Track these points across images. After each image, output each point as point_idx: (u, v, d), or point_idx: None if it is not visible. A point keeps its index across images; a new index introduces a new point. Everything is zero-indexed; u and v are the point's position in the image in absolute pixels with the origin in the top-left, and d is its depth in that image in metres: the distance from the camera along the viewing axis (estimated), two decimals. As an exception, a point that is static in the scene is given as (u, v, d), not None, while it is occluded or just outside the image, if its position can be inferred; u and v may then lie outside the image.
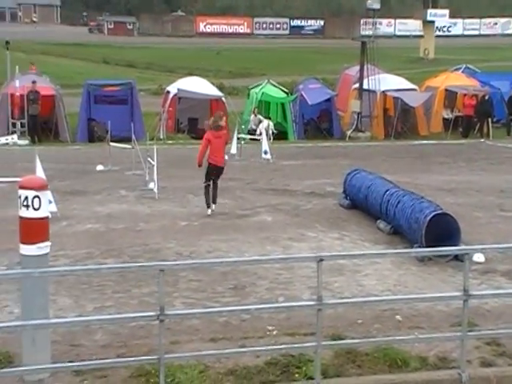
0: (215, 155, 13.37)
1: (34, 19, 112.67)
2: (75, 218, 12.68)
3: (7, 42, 26.34)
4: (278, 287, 9.35)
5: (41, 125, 24.04)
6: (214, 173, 13.51)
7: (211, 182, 13.45)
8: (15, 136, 22.17)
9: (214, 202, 13.50)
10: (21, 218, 6.85)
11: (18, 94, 23.36)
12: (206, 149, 13.37)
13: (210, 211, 13.31)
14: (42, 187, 6.87)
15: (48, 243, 6.91)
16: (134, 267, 7.83)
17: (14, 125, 23.47)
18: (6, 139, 21.45)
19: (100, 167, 17.62)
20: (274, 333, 7.84)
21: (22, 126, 23.55)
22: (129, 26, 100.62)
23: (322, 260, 6.38)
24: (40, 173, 11.98)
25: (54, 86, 25.06)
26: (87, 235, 11.71)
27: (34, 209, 6.79)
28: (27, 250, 6.80)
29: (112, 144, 17.89)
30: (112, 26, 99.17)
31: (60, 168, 16.96)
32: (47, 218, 6.97)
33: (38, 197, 6.80)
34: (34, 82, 23.51)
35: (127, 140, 18.26)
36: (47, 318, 6.84)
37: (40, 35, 76.38)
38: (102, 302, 8.66)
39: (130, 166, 17.06)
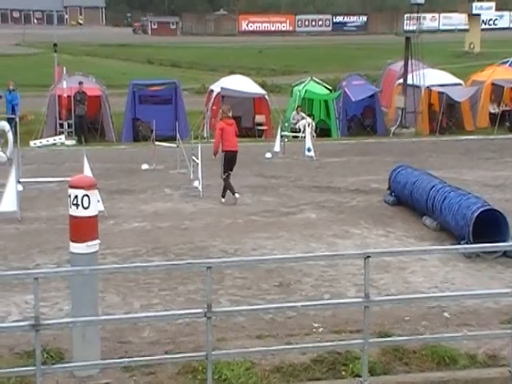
0: (230, 141, 14.09)
1: (80, 21, 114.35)
2: (122, 217, 12.85)
3: (55, 45, 26.76)
4: (324, 284, 9.34)
5: (87, 125, 24.39)
6: (231, 160, 14.03)
7: (229, 173, 14.02)
8: (63, 136, 22.53)
9: (234, 192, 14.05)
10: (71, 216, 6.95)
11: (65, 95, 23.75)
12: (220, 138, 14.02)
13: (237, 195, 13.98)
14: (91, 186, 6.96)
15: (97, 241, 7.01)
16: (182, 265, 7.88)
17: (61, 125, 23.89)
18: (54, 139, 21.82)
19: (145, 166, 17.81)
20: (320, 330, 7.83)
21: (70, 126, 23.95)
22: (172, 26, 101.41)
23: (368, 257, 6.34)
24: (88, 172, 12.17)
25: (100, 87, 25.38)
26: (133, 233, 11.85)
27: (84, 207, 6.88)
28: (77, 248, 6.90)
29: (157, 143, 18.07)
30: (156, 27, 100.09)
31: (106, 167, 17.19)
32: (96, 216, 7.07)
33: (87, 196, 6.89)
34: (80, 83, 23.87)
35: (172, 139, 18.41)
36: (96, 314, 6.95)
37: (86, 37, 77.52)
38: (148, 300, 8.76)
39: (175, 165, 17.21)
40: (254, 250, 10.90)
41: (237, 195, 14.00)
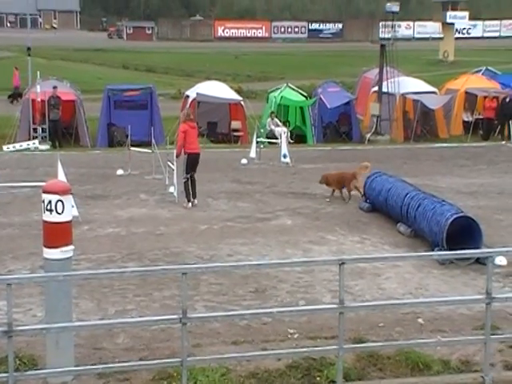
0: (193, 144, 14.25)
1: (55, 25, 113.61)
2: (96, 222, 12.76)
3: (28, 49, 26.56)
4: (299, 290, 9.36)
5: (62, 130, 24.16)
6: (194, 163, 14.27)
7: (190, 176, 14.24)
8: (36, 141, 22.34)
9: (195, 197, 14.29)
10: (44, 222, 6.90)
11: (39, 99, 23.53)
12: (183, 140, 14.11)
13: (190, 205, 14.10)
14: (65, 191, 6.91)
15: (71, 247, 6.97)
16: (157, 271, 7.86)
17: (35, 130, 23.64)
18: (28, 144, 21.62)
19: (120, 172, 17.71)
20: (296, 336, 7.85)
21: (43, 131, 23.70)
22: (148, 31, 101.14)
23: (343, 263, 6.38)
24: (62, 177, 12.09)
25: (75, 92, 25.22)
26: (108, 239, 11.78)
27: (58, 213, 6.84)
28: (51, 253, 6.85)
29: (132, 148, 17.99)
30: (131, 31, 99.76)
31: (81, 173, 17.07)
32: (70, 222, 7.02)
33: (61, 201, 6.85)
34: (54, 88, 23.67)
35: (147, 144, 18.34)
36: (70, 321, 6.89)
37: (60, 41, 77.00)
38: (123, 306, 8.72)
39: (150, 171, 17.14)
40: (229, 255, 10.89)
41: (189, 205, 14.15)
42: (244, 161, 19.61)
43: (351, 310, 7.43)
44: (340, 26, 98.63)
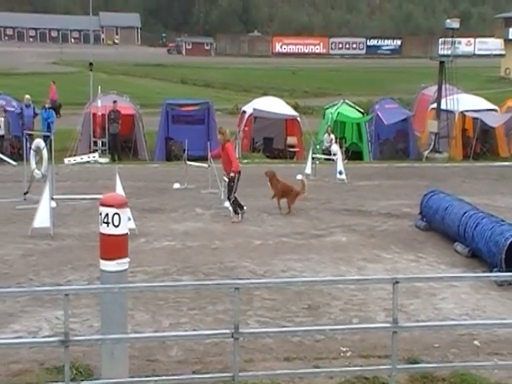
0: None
1: (116, 41, 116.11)
2: (152, 235, 12.93)
3: (91, 64, 27.22)
4: (353, 308, 9.28)
5: (121, 143, 24.67)
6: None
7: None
8: (96, 154, 22.77)
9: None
10: (101, 234, 6.99)
11: (99, 113, 24.09)
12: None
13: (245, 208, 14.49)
14: (122, 205, 6.99)
15: (127, 259, 7.05)
16: (211, 285, 7.92)
17: (95, 143, 24.21)
18: (88, 157, 22.05)
19: (177, 185, 17.93)
20: (348, 354, 7.79)
21: (103, 144, 24.27)
22: (206, 47, 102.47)
23: (397, 282, 6.31)
24: (120, 190, 12.29)
25: (134, 106, 25.69)
26: (164, 252, 11.92)
27: (114, 226, 6.91)
28: (107, 265, 6.92)
29: (189, 163, 18.19)
30: (190, 47, 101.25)
31: (138, 186, 17.34)
32: (126, 234, 7.11)
33: (117, 214, 6.92)
34: (114, 102, 24.18)
35: (203, 159, 18.53)
36: (125, 332, 6.98)
37: (121, 56, 78.59)
38: (177, 319, 8.79)
39: (206, 185, 17.31)
40: (283, 271, 10.89)
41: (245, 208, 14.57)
42: (299, 177, 19.56)
43: (405, 330, 7.33)
44: (399, 42, 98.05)
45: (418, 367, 7.24)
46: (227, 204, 15.05)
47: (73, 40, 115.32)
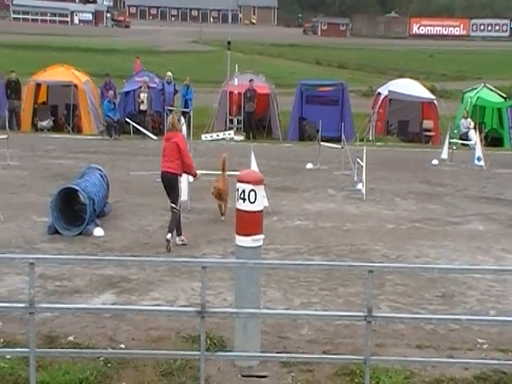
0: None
1: (253, 21, 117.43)
2: (285, 214, 13.03)
3: (229, 43, 27.66)
4: (490, 300, 8.94)
5: (255, 122, 25.00)
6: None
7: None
8: (232, 132, 23.25)
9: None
10: (237, 210, 7.09)
11: (236, 92, 24.50)
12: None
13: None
14: (258, 182, 7.05)
15: (261, 236, 7.12)
16: (344, 266, 7.86)
17: (231, 121, 24.70)
18: (224, 134, 22.54)
19: (310, 166, 17.97)
20: (485, 347, 7.52)
21: (239, 122, 24.70)
22: (342, 28, 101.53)
23: (544, 275, 6.00)
24: (255, 168, 12.44)
25: (269, 85, 25.90)
26: (296, 231, 11.98)
27: (250, 202, 6.99)
28: (242, 241, 7.03)
29: (322, 143, 18.16)
30: (325, 27, 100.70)
31: (272, 164, 17.51)
32: (262, 211, 7.17)
33: (254, 191, 6.99)
34: (251, 81, 24.48)
35: (337, 140, 18.44)
36: (258, 308, 7.08)
37: (257, 36, 79.40)
38: (308, 298, 8.81)
39: (339, 166, 17.21)
40: (416, 257, 10.65)
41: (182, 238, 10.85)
42: (435, 162, 19.10)
43: (548, 326, 6.98)
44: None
45: (560, 366, 6.89)
46: (360, 186, 14.90)
47: (212, 19, 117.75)
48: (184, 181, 12.81)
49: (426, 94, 26.02)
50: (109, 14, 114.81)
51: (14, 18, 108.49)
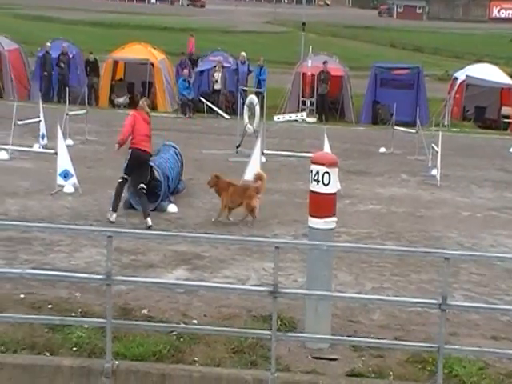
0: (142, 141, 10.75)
1: (328, 2, 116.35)
2: (357, 198, 12.91)
3: (303, 24, 27.47)
4: None
5: (328, 104, 24.79)
6: (138, 162, 10.80)
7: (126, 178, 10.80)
8: (304, 113, 23.14)
9: (115, 210, 10.57)
10: (311, 192, 7.03)
11: (309, 73, 24.33)
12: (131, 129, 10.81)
13: (114, 217, 10.51)
14: (332, 164, 6.97)
15: (334, 219, 7.05)
16: (418, 252, 7.75)
17: (303, 103, 24.56)
18: (296, 116, 22.46)
19: (383, 150, 17.73)
20: None
21: (311, 104, 24.55)
22: (418, 10, 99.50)
23: None
24: (327, 150, 12.34)
25: (343, 68, 25.61)
26: (368, 215, 11.86)
27: (324, 184, 6.92)
28: (315, 223, 6.97)
29: (396, 127, 17.89)
30: (401, 10, 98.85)
31: (344, 147, 17.34)
32: (335, 194, 7.10)
33: (328, 173, 6.92)
34: (325, 63, 24.25)
35: (410, 124, 18.12)
36: (330, 290, 7.05)
37: (332, 17, 78.62)
38: (380, 283, 8.72)
39: (413, 151, 16.92)
40: (492, 246, 10.40)
41: (113, 216, 10.50)
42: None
43: None
44: None
45: None
46: (434, 172, 14.63)
47: (286, 0, 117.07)
48: (256, 160, 12.83)
49: (506, 80, 25.24)
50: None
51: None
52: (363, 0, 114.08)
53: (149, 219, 10.38)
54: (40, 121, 15.03)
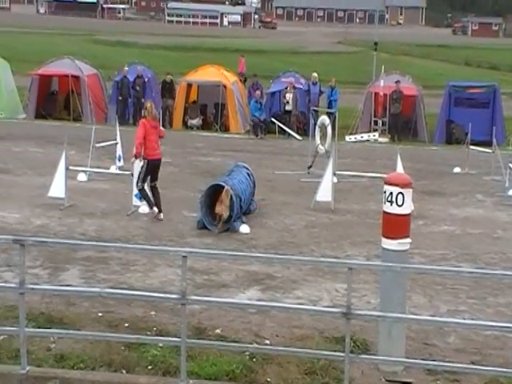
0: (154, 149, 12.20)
1: (400, 21, 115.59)
2: (431, 218, 12.72)
3: (375, 43, 27.38)
4: None
5: (401, 124, 24.57)
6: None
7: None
8: (376, 133, 22.99)
9: (159, 208, 12.12)
10: (384, 212, 6.99)
11: (381, 93, 24.20)
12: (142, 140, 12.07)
13: (161, 215, 12.02)
14: (406, 185, 6.92)
15: (408, 240, 6.99)
16: (496, 275, 7.56)
17: (375, 122, 24.43)
18: (368, 136, 22.33)
19: (457, 170, 17.43)
20: None
21: (384, 124, 24.39)
22: (494, 27, 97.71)
23: None
24: (400, 170, 12.22)
25: (416, 87, 25.36)
26: (442, 236, 11.66)
27: (398, 205, 6.88)
28: (389, 244, 6.92)
29: (471, 147, 17.56)
30: (476, 27, 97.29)
31: (417, 168, 17.12)
32: (409, 215, 7.04)
33: (402, 193, 6.87)
34: (397, 82, 24.08)
35: (486, 144, 17.75)
36: (404, 312, 6.96)
37: (404, 36, 78.02)
38: (455, 306, 8.56)
39: (489, 171, 16.57)
40: None
41: (161, 215, 12.01)
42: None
43: None
44: None
45: None
46: (511, 192, 14.27)
47: (358, 20, 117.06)
48: (328, 181, 12.83)
49: None
50: (256, 16, 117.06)
51: (169, 20, 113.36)
52: (437, 18, 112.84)
53: (161, 214, 11.85)
54: (117, 143, 15.42)
